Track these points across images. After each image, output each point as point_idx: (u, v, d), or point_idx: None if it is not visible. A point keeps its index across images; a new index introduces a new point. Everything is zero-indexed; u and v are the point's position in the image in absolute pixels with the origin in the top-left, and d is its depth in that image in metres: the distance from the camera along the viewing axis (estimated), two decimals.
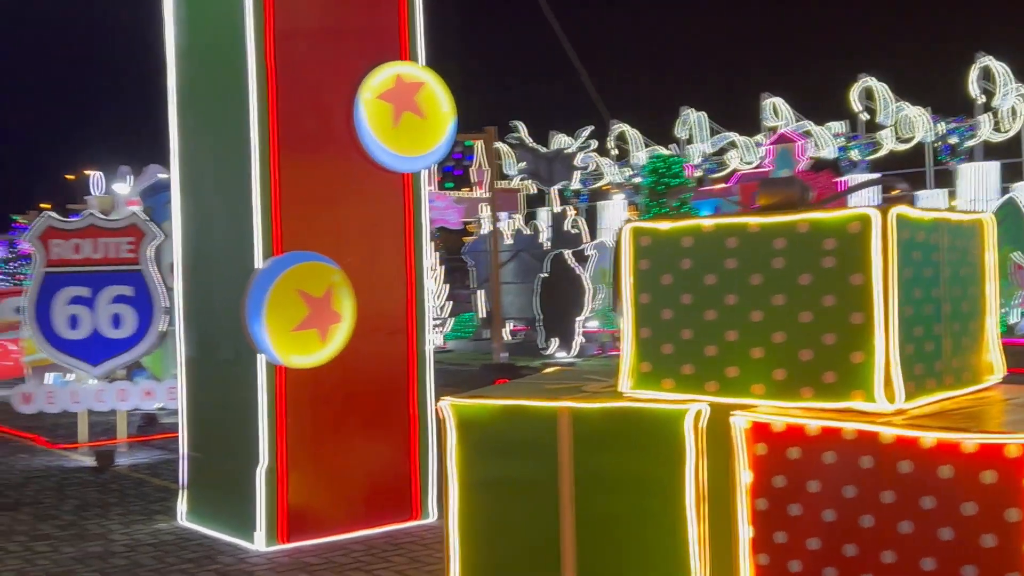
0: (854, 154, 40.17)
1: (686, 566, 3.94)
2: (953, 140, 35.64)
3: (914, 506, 3.21)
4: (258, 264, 6.24)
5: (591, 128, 20.42)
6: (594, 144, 23.48)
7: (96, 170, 23.75)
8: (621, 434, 4.15)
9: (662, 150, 44.79)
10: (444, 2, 6.91)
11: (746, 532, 3.63)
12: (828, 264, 3.59)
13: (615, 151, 45.92)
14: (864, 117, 38.36)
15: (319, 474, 6.43)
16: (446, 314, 21.90)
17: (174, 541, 6.50)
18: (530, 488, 4.30)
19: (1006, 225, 18.50)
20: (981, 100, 33.45)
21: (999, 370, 4.11)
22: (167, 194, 12.80)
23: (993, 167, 32.31)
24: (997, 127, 32.95)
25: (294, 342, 6.21)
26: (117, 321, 9.92)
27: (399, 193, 6.80)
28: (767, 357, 3.72)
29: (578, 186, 39.82)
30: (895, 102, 39.07)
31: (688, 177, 43.49)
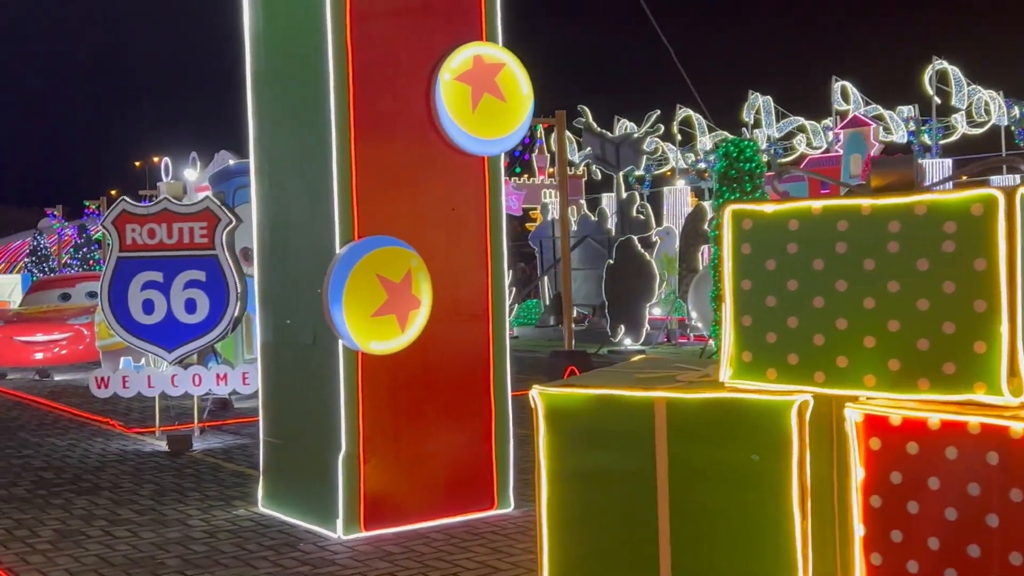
0: (926, 138, 39.35)
1: (790, 563, 3.79)
2: None
3: None
4: (337, 249, 6.16)
5: (658, 112, 20.16)
6: (661, 129, 23.19)
7: (163, 157, 23.97)
8: (721, 425, 3.99)
9: (727, 135, 44.34)
10: None
11: (858, 530, 3.46)
12: (948, 248, 3.39)
13: (679, 136, 45.47)
14: (936, 101, 37.56)
15: (398, 462, 6.35)
16: (511, 300, 21.82)
17: (253, 527, 6.47)
18: (623, 480, 4.17)
19: None
20: None
21: None
22: (238, 179, 12.89)
23: None
24: None
25: (373, 328, 6.13)
26: (191, 306, 9.94)
27: (477, 177, 6.68)
28: (880, 346, 3.54)
29: (640, 172, 39.48)
30: (968, 85, 38.19)
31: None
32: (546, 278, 22.62)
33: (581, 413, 4.22)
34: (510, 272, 22.22)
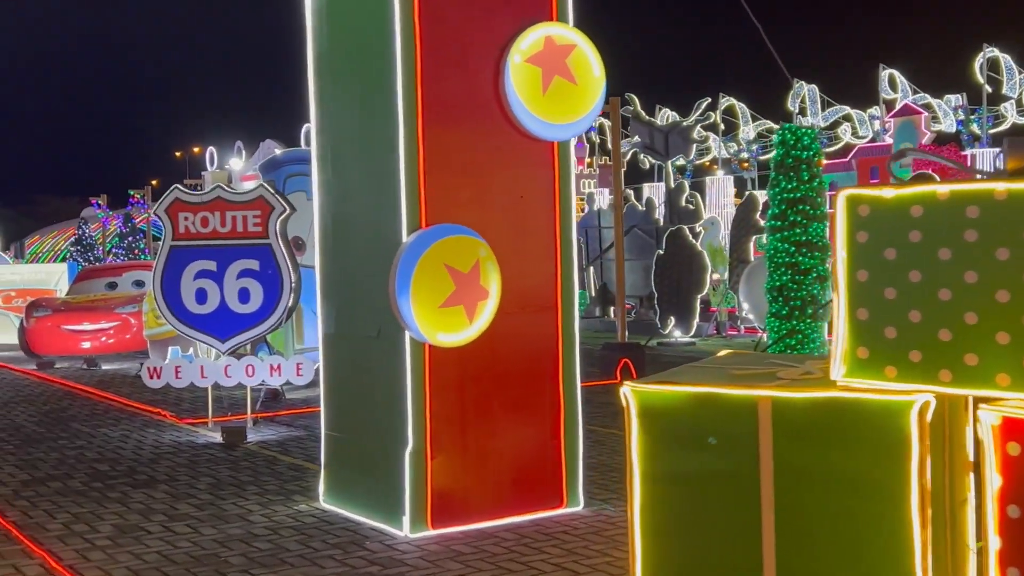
0: (975, 127, 38.63)
1: (908, 575, 3.53)
2: None
3: None
4: (403, 237, 5.95)
5: (708, 100, 19.80)
6: (712, 117, 22.82)
7: (207, 147, 23.97)
8: (832, 427, 3.74)
9: (771, 124, 43.79)
10: None
11: (994, 543, 3.19)
12: None
13: (722, 125, 44.97)
14: (987, 89, 36.86)
15: (465, 458, 6.13)
16: None
17: (316, 524, 6.28)
18: (724, 484, 3.92)
19: None
20: None
21: None
22: (288, 168, 12.75)
23: None
24: None
25: (440, 319, 5.91)
26: (244, 296, 9.78)
27: (547, 162, 6.44)
28: (1015, 343, 3.27)
29: (681, 161, 39.01)
30: (1020, 73, 37.42)
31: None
32: (591, 268, 22.34)
33: (678, 412, 3.98)
34: None
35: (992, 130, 38.26)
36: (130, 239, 29.26)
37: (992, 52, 35.74)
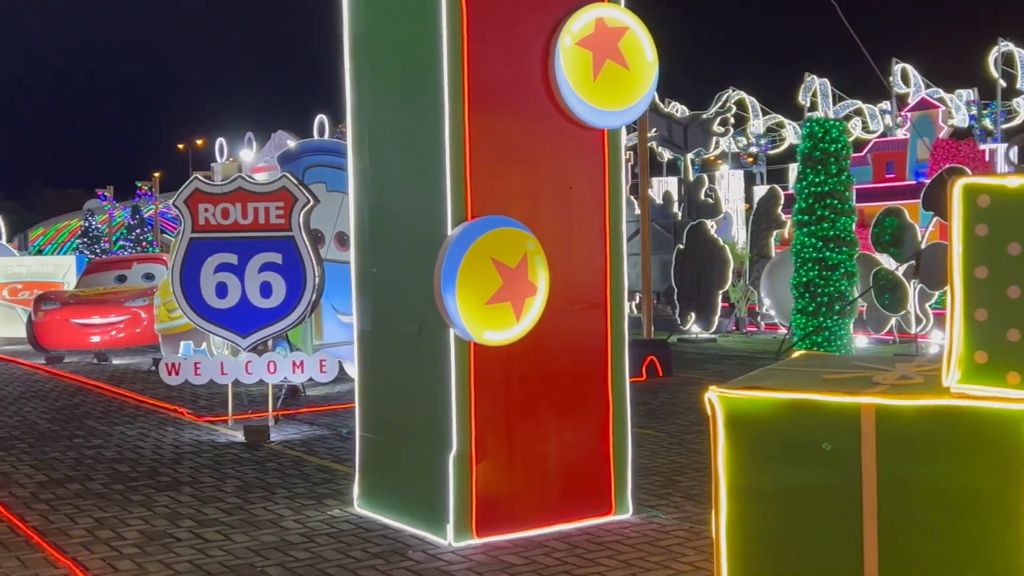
0: (987, 122, 38.27)
1: None
2: None
3: None
4: (448, 230, 5.63)
5: (729, 91, 19.43)
6: (733, 109, 22.49)
7: (205, 140, 23.65)
8: (943, 437, 3.44)
9: (781, 118, 43.41)
10: None
11: None
12: None
13: (732, 120, 44.57)
14: (1002, 84, 36.49)
15: (511, 462, 5.82)
16: None
17: (353, 531, 5.97)
18: (822, 499, 3.62)
19: None
20: None
21: None
22: (308, 158, 12.42)
23: None
24: None
25: (487, 316, 5.60)
26: (266, 290, 9.47)
27: (597, 151, 6.12)
28: None
29: (689, 156, 38.63)
30: None
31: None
32: None
33: (771, 420, 3.67)
34: None
35: (1004, 125, 37.89)
36: (138, 231, 28.95)
37: (1007, 46, 35.35)
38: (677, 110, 35.48)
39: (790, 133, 43.70)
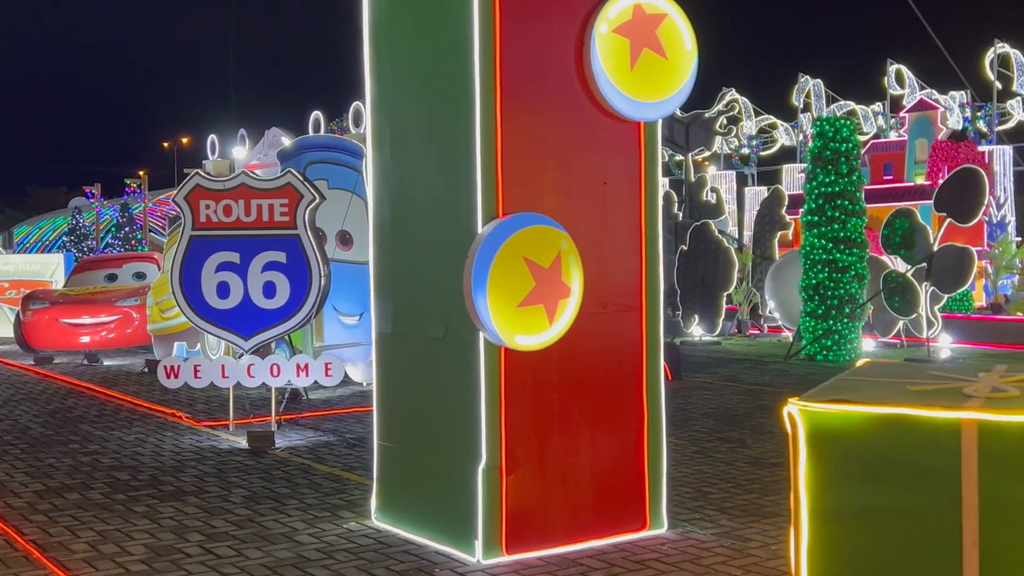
0: (981, 124, 38.13)
1: None
2: None
3: None
4: (479, 227, 5.29)
5: (732, 91, 19.15)
6: (736, 108, 22.19)
7: (191, 138, 23.33)
8: None
9: (774, 119, 43.17)
10: None
11: None
12: None
13: (724, 120, 44.33)
14: (997, 86, 36.34)
15: (543, 475, 5.49)
16: None
17: (373, 547, 5.63)
18: (916, 523, 3.29)
19: None
20: None
21: None
22: (309, 154, 12.05)
23: None
24: None
25: (519, 319, 5.27)
26: (270, 290, 9.11)
27: (633, 145, 5.79)
28: None
29: (679, 157, 38.33)
30: None
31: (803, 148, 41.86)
32: None
33: (859, 436, 3.35)
34: None
35: (998, 127, 37.74)
36: (127, 229, 28.48)
37: (1003, 48, 35.19)
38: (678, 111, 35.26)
39: (782, 134, 43.54)
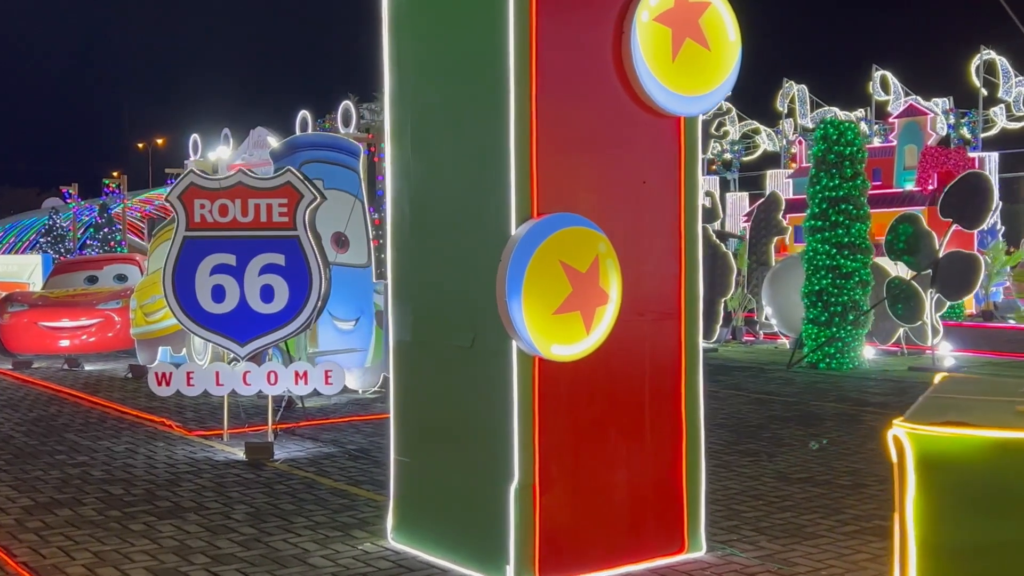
0: (965, 131, 38.14)
1: None
2: None
3: None
4: (512, 228, 4.92)
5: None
6: (732, 110, 21.92)
7: (166, 139, 22.91)
8: None
9: (757, 124, 43.03)
10: None
11: None
12: None
13: (717, 123, 44.15)
14: (983, 92, 36.32)
15: (578, 494, 5.12)
16: None
17: (393, 570, 5.24)
18: None
19: None
20: None
21: None
22: (304, 153, 11.63)
23: None
24: None
25: (555, 327, 4.90)
26: (267, 294, 8.69)
27: (672, 142, 5.44)
28: None
29: None
30: (1016, 77, 36.92)
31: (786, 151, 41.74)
32: None
33: (974, 463, 2.99)
34: None
35: (982, 134, 37.73)
36: (106, 230, 27.90)
37: (989, 54, 35.17)
38: None
39: (764, 140, 43.41)
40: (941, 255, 13.75)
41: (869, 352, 15.32)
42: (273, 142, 19.25)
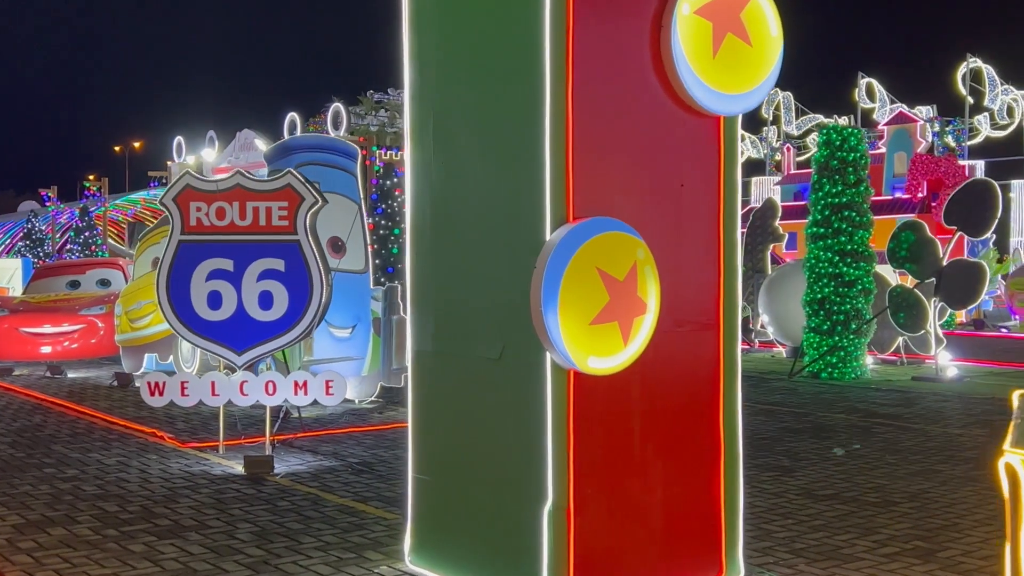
0: (949, 139, 38.15)
1: None
2: None
3: None
4: (547, 234, 4.62)
5: None
6: None
7: (144, 142, 22.52)
8: None
9: (741, 131, 43.01)
10: None
11: None
12: None
13: None
14: (970, 101, 36.34)
15: (613, 516, 4.82)
16: None
17: None
18: None
19: None
20: None
21: None
22: (299, 155, 11.29)
23: None
24: None
25: (592, 339, 4.60)
26: (266, 301, 8.36)
27: (712, 142, 5.15)
28: None
29: None
30: (1001, 85, 36.97)
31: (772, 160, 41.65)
32: None
33: None
34: None
35: (967, 142, 37.76)
36: (87, 234, 27.37)
37: (975, 63, 35.18)
38: None
39: (748, 147, 43.31)
40: (945, 263, 13.54)
41: (868, 361, 15.11)
42: (261, 145, 18.90)
